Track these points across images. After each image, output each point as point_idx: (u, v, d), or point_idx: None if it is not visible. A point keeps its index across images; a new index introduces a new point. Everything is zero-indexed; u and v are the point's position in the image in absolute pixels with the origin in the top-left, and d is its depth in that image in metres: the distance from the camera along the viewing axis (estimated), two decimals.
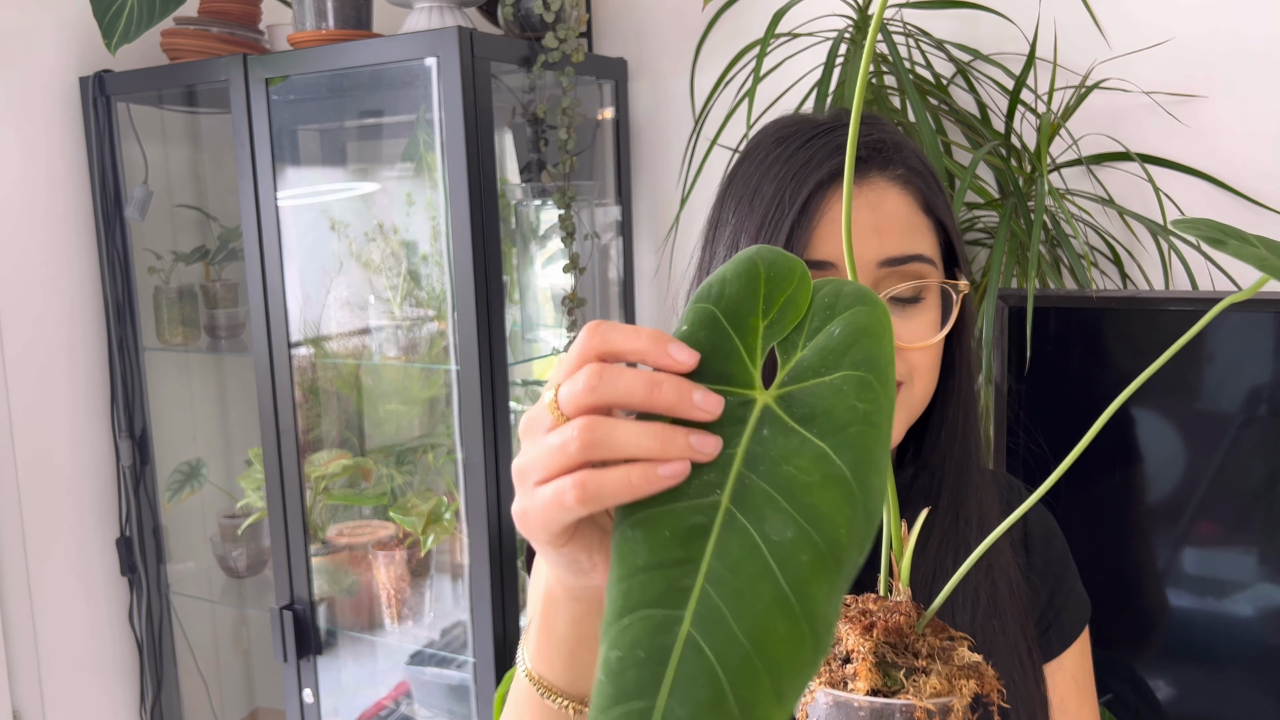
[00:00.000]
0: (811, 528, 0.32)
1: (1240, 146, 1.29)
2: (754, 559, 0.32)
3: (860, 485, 0.32)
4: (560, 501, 0.38)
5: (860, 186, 0.68)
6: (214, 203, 1.88)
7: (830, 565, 0.31)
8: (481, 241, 1.37)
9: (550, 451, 0.39)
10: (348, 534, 1.69)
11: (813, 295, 0.37)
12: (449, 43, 1.32)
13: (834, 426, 0.33)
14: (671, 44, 1.66)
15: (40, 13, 1.62)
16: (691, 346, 0.37)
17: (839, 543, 0.32)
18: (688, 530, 0.34)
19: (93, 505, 1.75)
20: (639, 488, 0.35)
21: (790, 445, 0.34)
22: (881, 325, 0.35)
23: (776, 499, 0.33)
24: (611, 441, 0.37)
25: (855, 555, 0.32)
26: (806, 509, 0.32)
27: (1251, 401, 1.09)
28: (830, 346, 0.35)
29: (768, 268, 0.37)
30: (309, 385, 1.68)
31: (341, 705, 1.70)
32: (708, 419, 0.36)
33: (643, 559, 0.33)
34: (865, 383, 0.34)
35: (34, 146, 1.63)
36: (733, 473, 0.34)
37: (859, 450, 0.33)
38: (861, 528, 0.32)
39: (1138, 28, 1.32)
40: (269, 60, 1.49)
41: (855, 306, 0.35)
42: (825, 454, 0.33)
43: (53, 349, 1.67)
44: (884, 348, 0.34)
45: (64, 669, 1.70)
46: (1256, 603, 1.10)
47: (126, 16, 1.40)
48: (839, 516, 0.32)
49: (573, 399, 0.38)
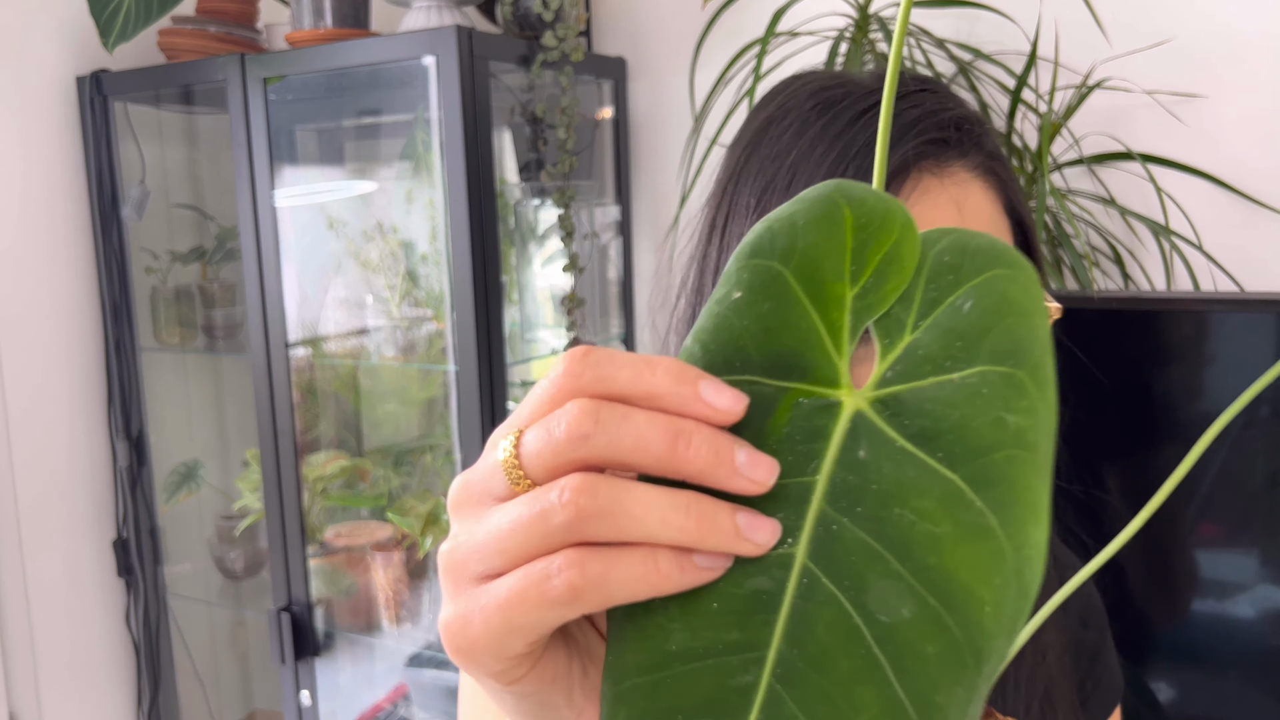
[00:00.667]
0: (940, 604, 0.22)
1: (1242, 146, 1.29)
2: (852, 649, 0.22)
3: (1013, 539, 0.22)
4: (538, 596, 0.25)
5: (940, 178, 0.53)
6: (211, 202, 1.88)
7: (968, 662, 0.22)
8: (480, 241, 1.37)
9: (515, 527, 0.25)
10: (345, 535, 1.69)
11: (924, 252, 0.25)
12: (447, 42, 1.32)
13: (970, 450, 0.23)
14: (671, 43, 1.66)
15: (37, 12, 1.61)
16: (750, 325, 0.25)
17: (981, 628, 0.22)
18: (746, 600, 0.24)
19: (89, 506, 1.74)
20: (668, 579, 0.24)
21: (903, 476, 0.23)
22: (1031, 298, 0.23)
23: (884, 557, 0.23)
24: (623, 515, 0.24)
25: (1002, 646, 0.22)
26: (932, 575, 0.22)
27: (1253, 403, 1.08)
28: (958, 328, 0.24)
29: (856, 210, 0.25)
30: (306, 386, 1.67)
31: (339, 707, 1.69)
32: (756, 491, 0.24)
33: (678, 641, 0.23)
34: (1015, 384, 0.23)
35: (30, 146, 1.62)
36: (811, 513, 0.24)
37: (1009, 487, 0.22)
38: (1012, 604, 0.22)
39: (1139, 27, 1.32)
40: (266, 59, 1.48)
41: (994, 269, 0.24)
42: (959, 491, 0.22)
43: (49, 349, 1.67)
44: (1037, 330, 0.23)
45: (61, 671, 1.70)
46: (1258, 604, 1.09)
47: (123, 15, 1.39)
48: (982, 588, 0.22)
49: (549, 452, 0.25)
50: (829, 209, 0.25)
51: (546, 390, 0.26)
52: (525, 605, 0.25)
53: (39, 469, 1.65)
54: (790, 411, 0.25)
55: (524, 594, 0.25)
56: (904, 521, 0.23)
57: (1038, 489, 0.22)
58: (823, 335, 0.25)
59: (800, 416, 0.25)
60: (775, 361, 0.25)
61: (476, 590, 0.26)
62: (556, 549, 0.25)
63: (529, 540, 0.25)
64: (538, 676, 0.28)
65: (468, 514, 0.28)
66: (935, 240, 0.25)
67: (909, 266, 0.25)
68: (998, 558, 0.22)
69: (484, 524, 0.26)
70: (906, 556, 0.23)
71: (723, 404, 0.25)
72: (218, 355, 1.87)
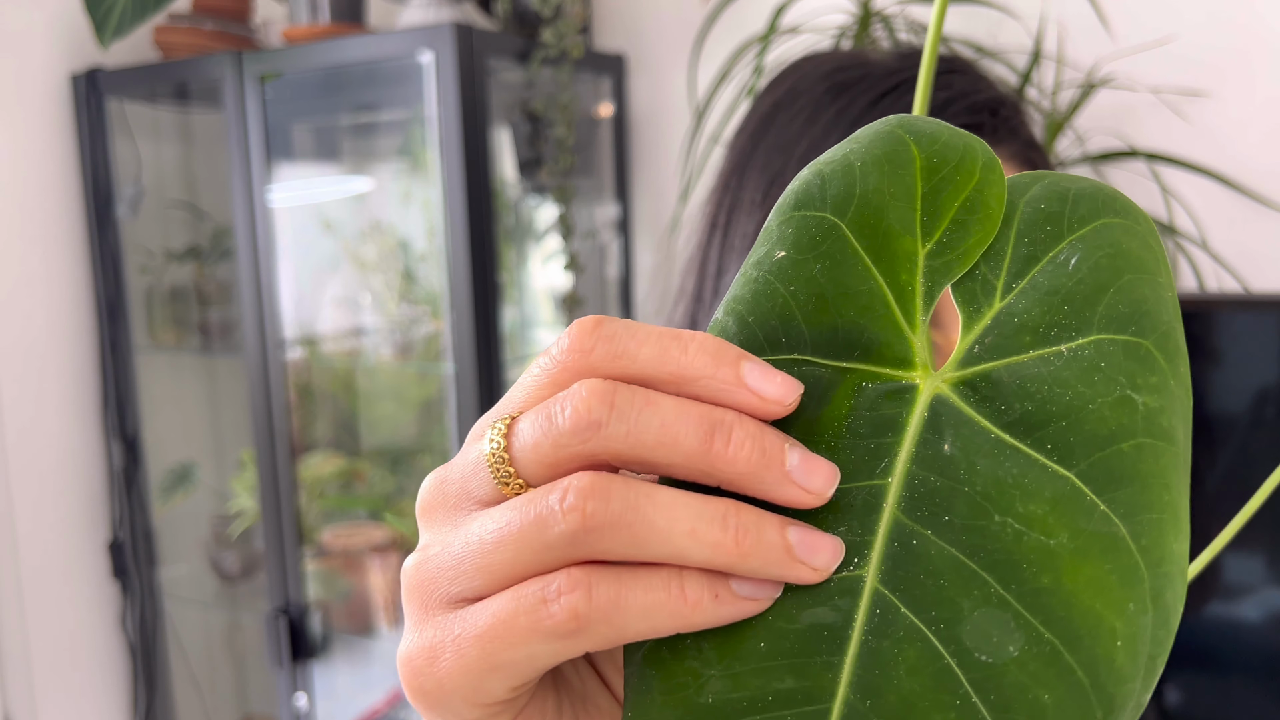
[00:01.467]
0: (1058, 638, 0.17)
1: (1248, 144, 1.28)
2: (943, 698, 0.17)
3: (1148, 553, 0.18)
4: (530, 625, 0.19)
5: None
6: (207, 201, 1.87)
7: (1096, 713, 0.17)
8: (478, 240, 1.36)
9: (501, 539, 0.20)
10: (342, 537, 1.67)
11: (1013, 200, 0.20)
12: (445, 38, 1.31)
13: (1089, 440, 0.18)
14: (671, 39, 1.65)
15: (31, 9, 1.60)
16: (799, 291, 0.20)
17: (1113, 667, 0.17)
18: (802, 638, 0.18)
19: (83, 508, 1.73)
20: (697, 611, 0.19)
21: (1002, 475, 0.18)
22: (1153, 252, 0.19)
23: (983, 579, 0.18)
24: (641, 523, 0.19)
25: (1138, 692, 0.17)
26: (1045, 600, 0.17)
27: (1259, 404, 1.07)
28: (1064, 289, 0.19)
29: (926, 148, 0.20)
30: (302, 386, 1.66)
31: (336, 710, 1.68)
32: (813, 504, 0.19)
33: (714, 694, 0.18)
34: (1141, 355, 0.18)
35: (24, 144, 1.61)
36: (883, 525, 0.19)
37: (1144, 486, 0.18)
38: (1149, 638, 0.17)
39: (1144, 24, 1.31)
40: (262, 56, 1.47)
41: (1102, 217, 0.19)
42: (1077, 492, 0.18)
43: (43, 349, 1.66)
44: (1163, 291, 0.19)
45: (55, 674, 1.68)
46: (1264, 607, 1.08)
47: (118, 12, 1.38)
48: (1112, 616, 0.17)
49: (549, 445, 0.20)
50: (893, 146, 0.20)
51: (546, 368, 0.21)
52: (512, 637, 0.19)
53: (32, 470, 1.64)
54: (852, 399, 0.20)
55: (511, 623, 0.19)
56: (1007, 532, 0.18)
57: (1177, 488, 0.19)
58: (890, 302, 0.20)
59: (865, 405, 0.20)
60: (831, 336, 0.20)
61: (449, 616, 0.21)
62: (555, 567, 0.19)
63: (520, 555, 0.19)
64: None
65: (441, 520, 0.22)
66: (1026, 185, 0.20)
67: (995, 216, 0.20)
68: (1131, 577, 0.17)
69: (461, 533, 0.21)
70: (1012, 577, 0.17)
71: (772, 391, 0.19)
72: (213, 355, 1.86)
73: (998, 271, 0.20)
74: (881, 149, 0.20)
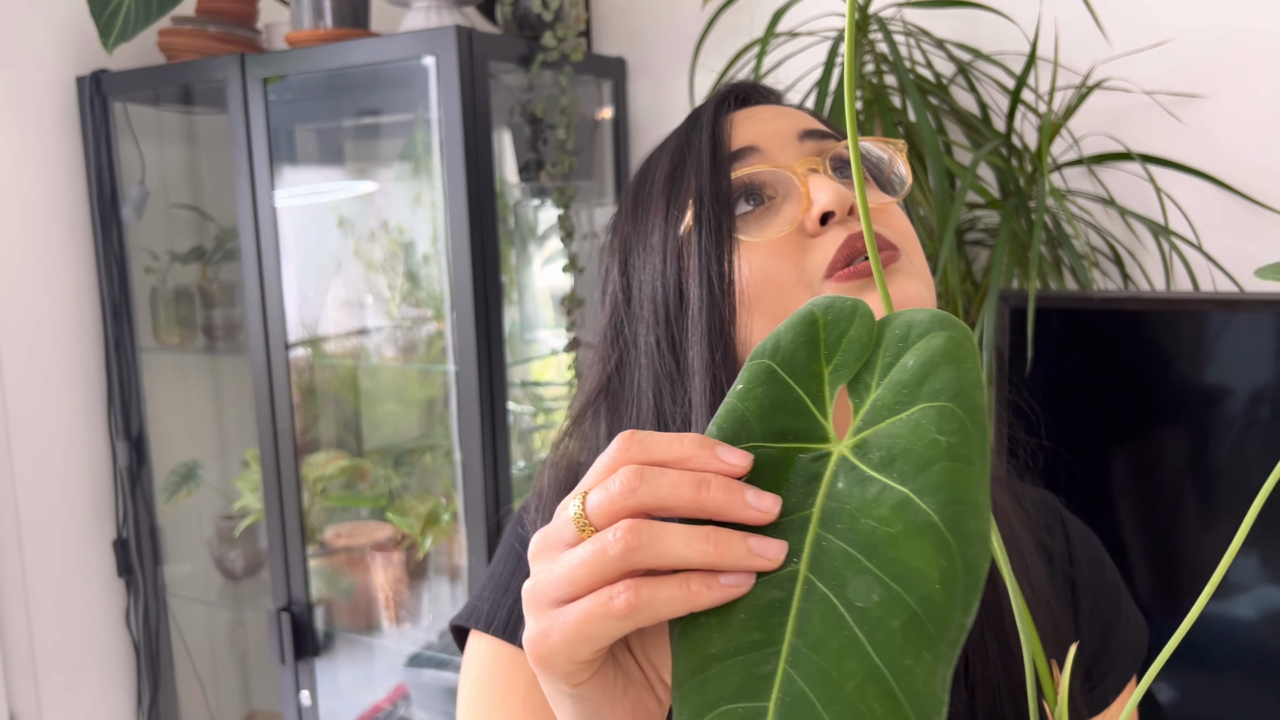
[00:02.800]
0: (901, 587, 0.27)
1: (1242, 146, 1.29)
2: (838, 631, 0.28)
3: (953, 531, 0.27)
4: (603, 612, 0.32)
5: (760, 109, 0.65)
6: (211, 203, 1.88)
7: (927, 630, 0.27)
8: (480, 241, 1.37)
9: (581, 563, 0.33)
10: (345, 536, 1.69)
11: (882, 331, 0.32)
12: (447, 42, 1.32)
13: (915, 467, 0.29)
14: (671, 43, 1.66)
15: (36, 12, 1.61)
16: (752, 406, 0.33)
17: (934, 602, 0.27)
18: (765, 608, 0.30)
19: (89, 506, 1.74)
20: (699, 596, 0.31)
21: (868, 495, 0.30)
22: (963, 349, 0.30)
23: (857, 558, 0.29)
24: (660, 545, 0.32)
25: (958, 616, 0.27)
26: (891, 565, 0.28)
27: (1253, 404, 1.08)
28: (904, 380, 0.30)
29: (823, 312, 0.33)
30: (306, 386, 1.67)
31: (339, 707, 1.69)
32: (763, 520, 0.32)
33: (716, 646, 0.30)
34: (946, 413, 0.29)
35: (30, 146, 1.62)
36: (809, 536, 0.30)
37: (946, 490, 0.28)
38: (961, 582, 0.27)
39: (1139, 27, 1.32)
40: (266, 59, 1.48)
41: (930, 334, 0.31)
42: (908, 499, 0.28)
43: (49, 349, 1.67)
44: (967, 373, 0.30)
45: (60, 671, 1.70)
46: (1258, 605, 1.09)
47: (123, 16, 1.39)
48: (931, 570, 0.27)
49: (608, 504, 0.33)
50: (803, 316, 0.34)
51: (603, 462, 0.35)
52: (594, 620, 0.33)
53: (39, 469, 1.65)
54: (793, 465, 0.33)
55: (593, 611, 0.33)
56: (868, 528, 0.29)
57: (973, 490, 0.28)
58: (809, 405, 0.33)
59: (801, 467, 0.32)
60: (775, 429, 0.33)
61: (554, 611, 0.34)
62: (614, 579, 0.33)
63: (592, 571, 0.33)
64: (595, 683, 0.36)
65: (544, 559, 0.36)
66: (892, 320, 0.33)
67: (868, 343, 0.32)
68: (942, 545, 0.28)
69: (559, 564, 0.34)
70: (872, 554, 0.29)
71: (733, 460, 0.33)
72: (217, 355, 1.87)
73: (872, 375, 0.32)
74: (797, 319, 0.34)
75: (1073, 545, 0.72)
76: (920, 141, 1.19)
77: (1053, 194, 1.16)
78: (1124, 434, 1.13)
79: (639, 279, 0.62)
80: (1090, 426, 1.14)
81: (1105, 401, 1.14)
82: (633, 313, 0.62)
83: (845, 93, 0.35)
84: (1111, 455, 1.14)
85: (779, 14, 1.31)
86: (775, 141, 0.61)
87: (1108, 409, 1.14)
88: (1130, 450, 1.13)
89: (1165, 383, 1.12)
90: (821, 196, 0.56)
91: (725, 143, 0.61)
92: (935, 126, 1.30)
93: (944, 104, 1.34)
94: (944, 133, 1.33)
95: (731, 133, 0.62)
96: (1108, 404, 1.14)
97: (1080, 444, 1.10)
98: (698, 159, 0.61)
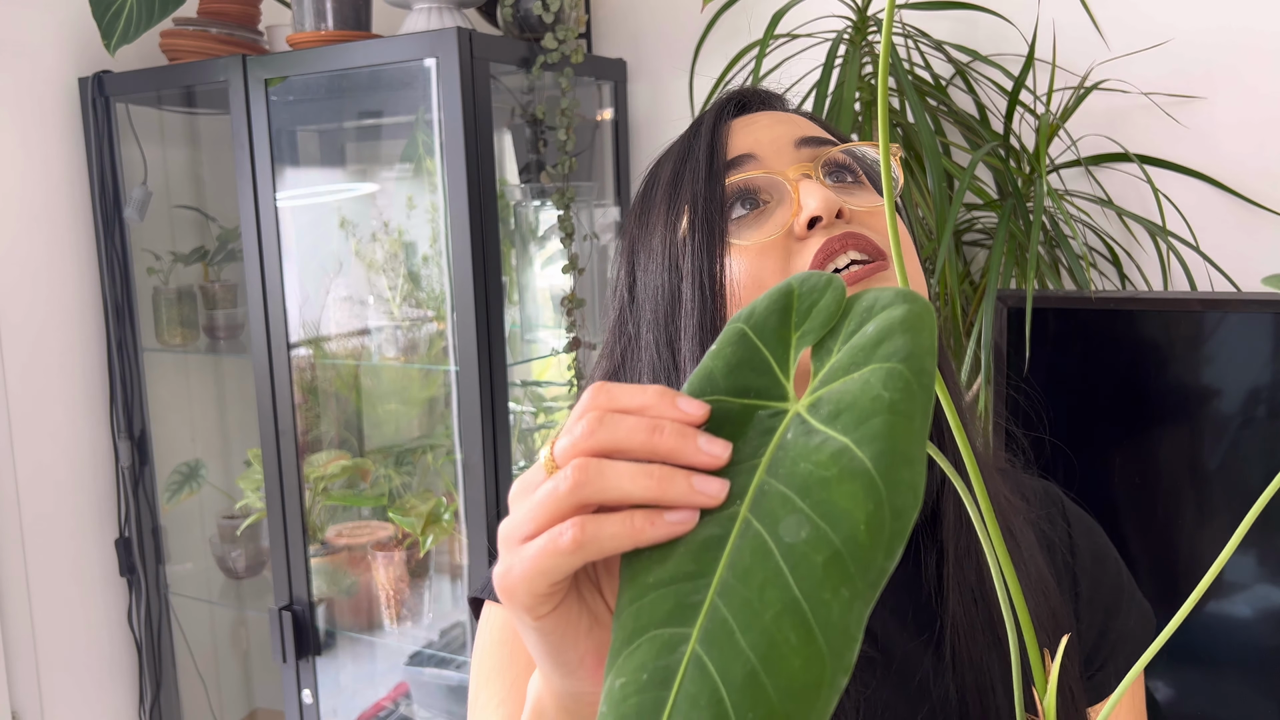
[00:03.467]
0: (828, 526, 0.29)
1: (1239, 147, 1.30)
2: (765, 564, 0.29)
3: (885, 479, 0.29)
4: (553, 547, 0.34)
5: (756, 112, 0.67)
6: (213, 203, 1.88)
7: (848, 568, 0.28)
8: (481, 242, 1.37)
9: (539, 501, 0.35)
10: (347, 535, 1.69)
11: (851, 304, 0.34)
12: (448, 44, 1.32)
13: (857, 420, 0.30)
14: (670, 45, 1.66)
15: (39, 13, 1.62)
16: (720, 363, 0.35)
17: (858, 542, 0.28)
18: (702, 543, 0.32)
19: (92, 506, 1.75)
20: (642, 531, 0.33)
21: (811, 444, 0.31)
22: (921, 320, 0.32)
23: (792, 499, 0.30)
24: (604, 481, 0.34)
25: (880, 559, 0.28)
26: (821, 505, 0.29)
27: (1250, 403, 1.09)
28: (862, 345, 0.32)
29: (800, 284, 0.36)
30: (308, 386, 1.68)
31: (340, 706, 1.70)
32: (713, 464, 0.34)
33: (654, 576, 0.32)
34: (894, 373, 0.30)
35: (33, 147, 1.63)
36: (754, 481, 0.32)
37: (883, 441, 0.29)
38: (886, 526, 0.28)
39: (1136, 28, 1.32)
40: (268, 61, 1.49)
41: (892, 305, 0.32)
42: (846, 448, 0.30)
43: (52, 350, 1.67)
44: (920, 340, 0.31)
45: (63, 669, 1.70)
46: (1255, 604, 1.10)
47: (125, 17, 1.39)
48: (858, 512, 0.29)
49: (570, 446, 0.35)
50: (781, 287, 0.36)
51: (574, 413, 0.37)
52: (546, 555, 0.34)
53: (42, 469, 1.66)
54: (752, 420, 0.35)
55: (545, 547, 0.35)
56: (805, 472, 0.31)
57: (909, 443, 0.29)
58: (774, 366, 0.35)
59: (758, 422, 0.34)
60: (739, 386, 0.35)
61: (518, 548, 0.36)
62: (567, 515, 0.35)
63: (546, 508, 0.35)
64: (557, 617, 0.37)
65: (519, 501, 0.38)
66: (861, 295, 0.35)
67: (836, 312, 0.35)
68: (871, 490, 0.29)
69: (524, 505, 0.36)
70: (806, 494, 0.30)
71: (690, 410, 0.35)
72: (219, 355, 1.88)
73: (835, 342, 0.34)
74: (776, 289, 0.36)
75: (1074, 534, 0.73)
76: (919, 143, 1.19)
77: (1050, 195, 1.16)
78: (1121, 434, 1.14)
79: (642, 279, 0.65)
80: (1087, 426, 1.15)
81: (1102, 401, 1.15)
82: (636, 310, 0.65)
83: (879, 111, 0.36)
84: (1108, 455, 1.15)
85: (778, 16, 1.32)
86: (772, 149, 0.63)
87: (1105, 409, 1.15)
88: (1127, 450, 1.14)
89: (1162, 383, 1.12)
90: (810, 202, 0.59)
91: (722, 151, 0.64)
92: (933, 128, 1.30)
93: (942, 105, 1.35)
94: (942, 134, 1.34)
95: (730, 140, 0.65)
96: (1105, 404, 1.15)
97: (1077, 443, 1.10)
98: (695, 166, 0.63)
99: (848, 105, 1.18)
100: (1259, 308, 1.06)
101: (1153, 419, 1.13)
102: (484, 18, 1.66)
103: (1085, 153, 1.34)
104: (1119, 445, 1.14)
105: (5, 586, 1.61)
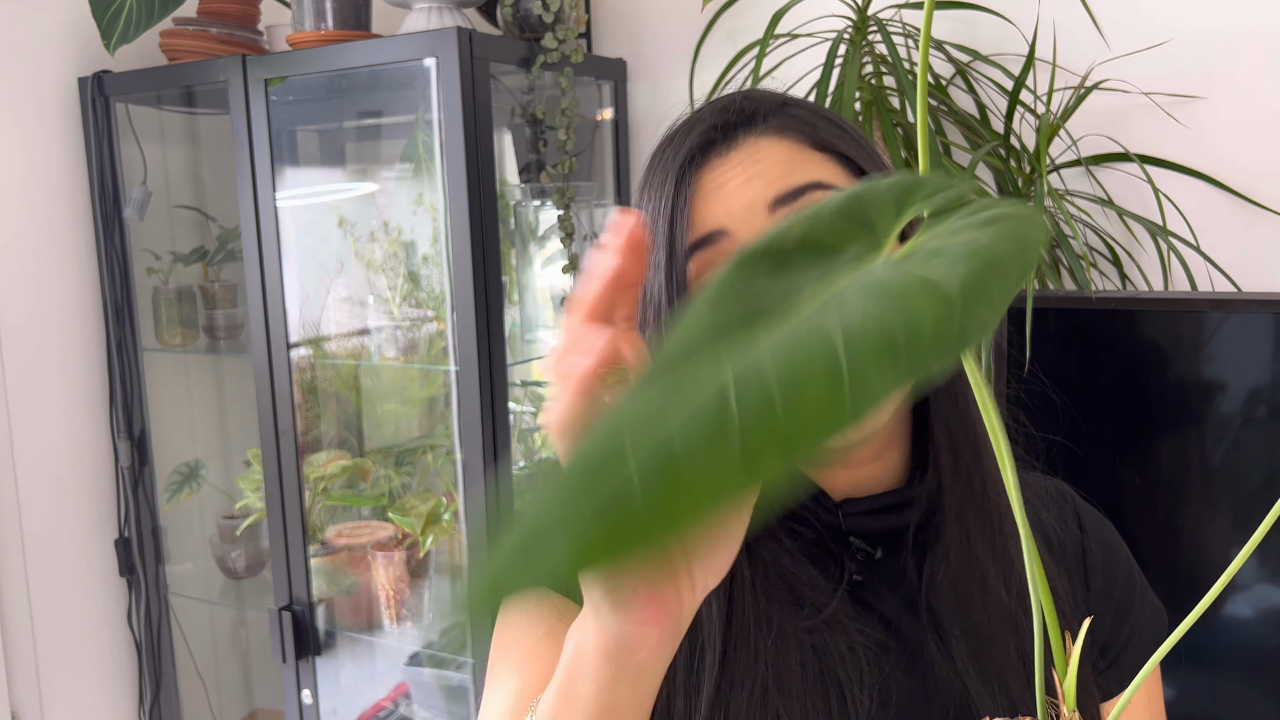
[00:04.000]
0: (895, 315, 0.28)
1: (1239, 147, 1.30)
2: (819, 337, 0.28)
3: (963, 300, 0.28)
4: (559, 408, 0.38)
5: (728, 154, 0.62)
6: (213, 203, 1.88)
7: (900, 358, 0.27)
8: (481, 242, 1.37)
9: None
10: (346, 535, 1.69)
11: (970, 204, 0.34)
12: (448, 43, 1.32)
13: (950, 262, 0.29)
14: (671, 45, 1.66)
15: (39, 13, 1.62)
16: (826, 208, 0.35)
17: (918, 339, 0.27)
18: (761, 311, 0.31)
19: (91, 506, 1.75)
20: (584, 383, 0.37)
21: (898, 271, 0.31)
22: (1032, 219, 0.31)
23: (867, 297, 0.29)
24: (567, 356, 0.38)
25: (932, 362, 0.27)
26: (895, 299, 0.28)
27: (1251, 403, 1.09)
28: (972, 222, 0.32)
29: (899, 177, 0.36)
30: (308, 386, 1.68)
31: (340, 706, 1.70)
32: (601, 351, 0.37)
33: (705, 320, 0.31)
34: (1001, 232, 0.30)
35: (33, 147, 1.63)
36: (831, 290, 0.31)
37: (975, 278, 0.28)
38: (949, 336, 0.27)
39: (1137, 29, 1.32)
40: (268, 61, 1.49)
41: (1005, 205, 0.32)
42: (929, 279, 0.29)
43: (51, 350, 1.67)
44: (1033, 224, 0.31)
45: (62, 670, 1.70)
46: (1255, 604, 1.10)
47: (125, 17, 1.40)
48: (927, 315, 0.27)
49: None
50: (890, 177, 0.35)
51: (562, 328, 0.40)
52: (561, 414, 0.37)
53: (41, 469, 1.66)
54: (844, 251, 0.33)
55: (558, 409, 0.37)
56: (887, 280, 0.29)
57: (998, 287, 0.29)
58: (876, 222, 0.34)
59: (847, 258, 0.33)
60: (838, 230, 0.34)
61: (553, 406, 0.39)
62: None
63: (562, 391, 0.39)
64: None
65: None
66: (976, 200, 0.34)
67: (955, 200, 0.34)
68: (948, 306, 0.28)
69: None
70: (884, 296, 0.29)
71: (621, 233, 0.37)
72: (219, 355, 1.88)
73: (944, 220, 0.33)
74: (904, 175, 0.35)
75: (1085, 531, 0.73)
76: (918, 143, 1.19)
77: (1051, 194, 1.16)
78: (1121, 434, 1.14)
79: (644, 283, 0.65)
80: (1088, 426, 1.15)
81: (1103, 401, 1.15)
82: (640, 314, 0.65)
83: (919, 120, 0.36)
84: (1108, 455, 1.15)
85: (778, 16, 1.31)
86: (744, 218, 0.61)
87: (1105, 409, 1.15)
88: (1127, 450, 1.14)
89: (1163, 382, 1.12)
90: None
91: (683, 234, 0.61)
92: (934, 127, 1.30)
93: (943, 105, 1.35)
94: (943, 134, 1.34)
95: (698, 206, 0.62)
96: (1105, 404, 1.15)
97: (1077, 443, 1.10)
98: (655, 253, 0.62)
99: (848, 105, 1.18)
100: (1259, 308, 1.06)
101: (1153, 419, 1.13)
102: (484, 17, 1.66)
103: (1085, 153, 1.34)
104: (1119, 445, 1.14)
105: (5, 586, 1.61)
